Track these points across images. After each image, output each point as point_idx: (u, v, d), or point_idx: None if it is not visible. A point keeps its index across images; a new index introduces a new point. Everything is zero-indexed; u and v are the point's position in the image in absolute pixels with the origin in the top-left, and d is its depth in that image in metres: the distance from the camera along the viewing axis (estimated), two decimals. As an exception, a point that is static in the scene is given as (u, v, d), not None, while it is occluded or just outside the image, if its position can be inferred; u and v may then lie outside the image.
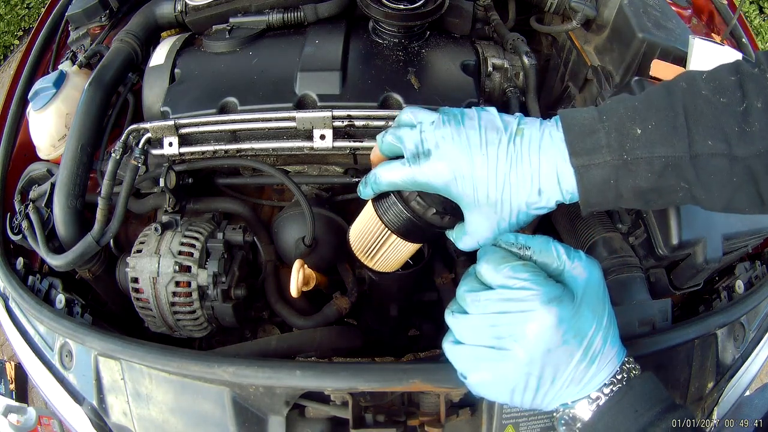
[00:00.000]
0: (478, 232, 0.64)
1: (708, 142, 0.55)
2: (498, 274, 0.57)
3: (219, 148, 0.94)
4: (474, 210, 0.62)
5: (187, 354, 0.78)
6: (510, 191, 0.60)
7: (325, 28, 1.00)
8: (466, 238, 0.65)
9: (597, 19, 1.03)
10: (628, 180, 0.58)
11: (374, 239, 0.71)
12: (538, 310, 0.54)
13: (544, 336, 0.54)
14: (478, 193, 0.61)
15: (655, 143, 0.56)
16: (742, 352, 0.94)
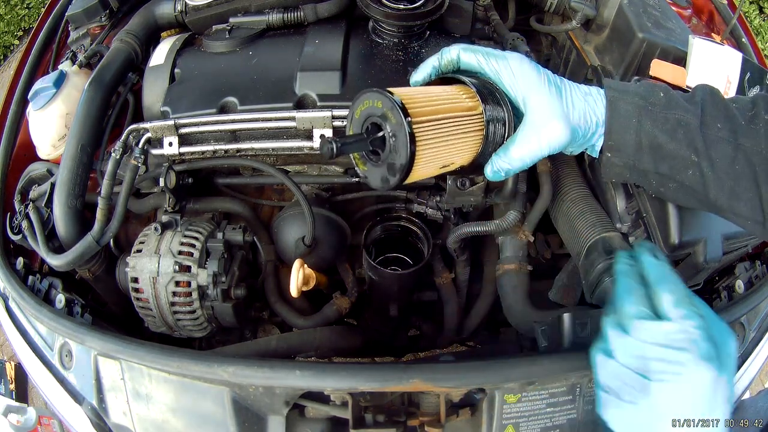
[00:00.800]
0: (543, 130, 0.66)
1: (717, 125, 0.65)
2: (676, 310, 0.58)
3: (219, 148, 0.94)
4: (543, 108, 0.65)
5: (187, 354, 0.78)
6: (570, 95, 0.67)
7: (325, 28, 1.00)
8: (523, 146, 0.66)
9: (597, 19, 1.03)
10: (647, 123, 0.66)
11: (445, 119, 0.62)
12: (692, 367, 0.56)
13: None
14: (550, 92, 0.66)
15: (672, 106, 0.67)
16: (742, 352, 0.94)
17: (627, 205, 0.94)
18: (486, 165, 0.68)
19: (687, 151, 0.66)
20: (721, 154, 0.64)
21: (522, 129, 0.66)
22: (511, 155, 0.66)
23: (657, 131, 0.66)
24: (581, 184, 1.00)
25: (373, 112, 0.62)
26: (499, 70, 0.67)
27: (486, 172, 0.68)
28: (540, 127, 0.65)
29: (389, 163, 0.61)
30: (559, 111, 0.65)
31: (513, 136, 0.67)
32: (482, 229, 0.95)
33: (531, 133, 0.65)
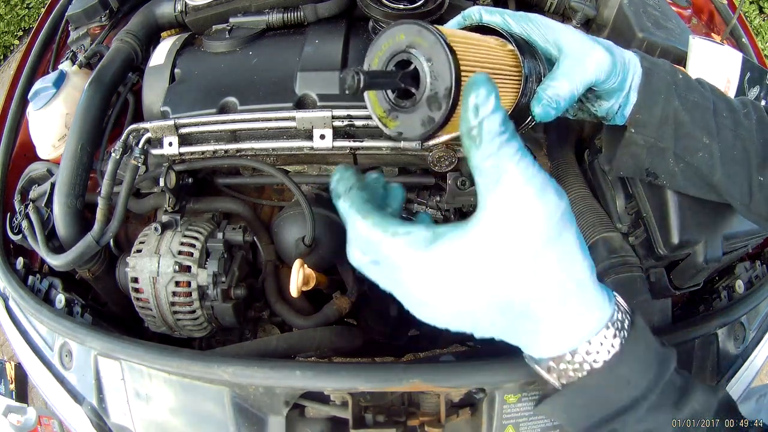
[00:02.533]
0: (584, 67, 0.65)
1: (723, 114, 0.70)
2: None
3: (219, 148, 0.94)
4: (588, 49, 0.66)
5: (187, 354, 0.78)
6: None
7: (325, 28, 1.00)
8: (566, 79, 0.65)
9: (597, 19, 1.03)
10: (674, 100, 0.68)
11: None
12: None
13: None
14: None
15: (691, 88, 0.70)
16: (742, 352, 0.94)
17: (627, 205, 0.94)
18: (533, 102, 0.64)
19: (701, 133, 0.69)
20: (726, 139, 0.69)
21: (563, 61, 0.65)
22: (559, 84, 0.64)
23: (682, 109, 0.68)
24: (581, 184, 1.00)
25: (397, 47, 0.53)
26: (527, 23, 0.67)
27: (535, 112, 0.64)
28: (583, 56, 0.65)
29: (429, 95, 0.52)
30: (593, 41, 0.67)
31: (554, 69, 0.65)
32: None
33: (574, 63, 0.65)
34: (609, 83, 0.68)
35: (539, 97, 0.64)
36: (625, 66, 0.69)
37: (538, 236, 0.43)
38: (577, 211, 0.97)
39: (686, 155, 0.70)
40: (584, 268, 0.47)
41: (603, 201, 0.98)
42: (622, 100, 0.71)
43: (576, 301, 0.47)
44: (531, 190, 0.42)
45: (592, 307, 0.48)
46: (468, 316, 0.46)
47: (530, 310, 0.46)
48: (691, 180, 0.73)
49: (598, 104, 0.72)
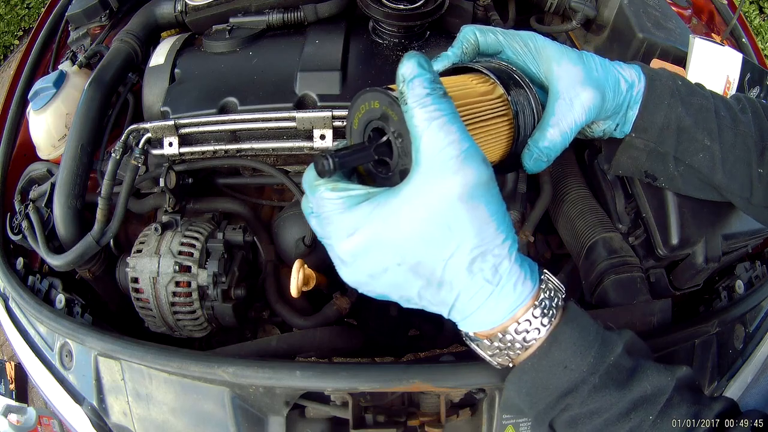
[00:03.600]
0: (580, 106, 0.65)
1: (722, 113, 0.70)
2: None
3: (219, 148, 0.94)
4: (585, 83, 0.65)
5: (187, 354, 0.78)
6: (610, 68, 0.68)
7: (325, 28, 1.00)
8: (556, 126, 0.64)
9: (597, 19, 1.03)
10: (677, 106, 0.69)
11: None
12: None
13: None
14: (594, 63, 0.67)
15: (694, 92, 0.71)
16: (742, 352, 0.94)
17: (626, 205, 0.94)
18: (524, 155, 0.63)
19: (702, 135, 0.69)
20: (725, 138, 0.69)
21: (554, 103, 0.64)
22: (551, 135, 0.63)
23: (685, 114, 0.69)
24: (581, 184, 1.00)
25: (372, 115, 0.54)
26: (520, 45, 0.66)
27: (526, 164, 0.63)
28: (572, 97, 0.64)
29: (401, 170, 0.51)
30: (585, 75, 0.64)
31: (545, 115, 0.64)
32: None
33: (564, 106, 0.64)
34: (600, 117, 0.68)
35: (531, 152, 0.64)
36: (618, 92, 0.67)
37: (447, 200, 0.44)
38: (577, 211, 0.97)
39: (686, 158, 0.70)
40: (497, 239, 0.47)
41: (603, 201, 0.98)
42: (619, 119, 0.70)
43: (488, 273, 0.47)
44: (445, 156, 0.44)
45: (508, 281, 0.48)
46: (385, 280, 0.47)
47: (443, 277, 0.47)
48: (691, 181, 0.74)
49: (594, 127, 0.72)
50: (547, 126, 0.63)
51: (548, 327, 0.51)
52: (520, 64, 0.67)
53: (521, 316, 0.51)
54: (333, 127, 0.89)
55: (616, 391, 0.52)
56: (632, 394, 0.52)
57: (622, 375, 0.53)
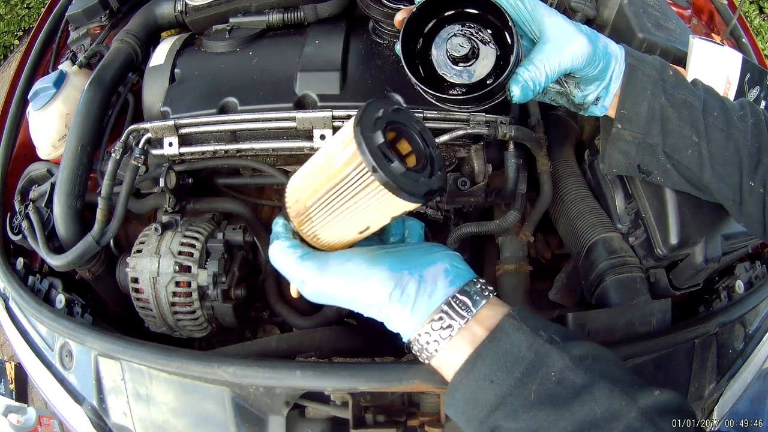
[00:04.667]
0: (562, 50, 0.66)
1: (714, 113, 0.70)
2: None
3: (219, 148, 0.94)
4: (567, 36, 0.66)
5: (187, 354, 0.78)
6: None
7: (325, 28, 1.00)
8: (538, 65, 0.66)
9: (597, 19, 1.03)
10: (660, 96, 0.69)
11: (347, 189, 0.52)
12: None
13: None
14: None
15: (680, 86, 0.71)
16: (742, 352, 0.94)
17: (626, 205, 0.94)
18: (511, 83, 0.66)
19: (689, 131, 0.69)
20: (716, 139, 0.69)
21: (542, 45, 0.66)
22: (537, 67, 0.65)
23: (668, 106, 0.69)
24: (581, 184, 1.00)
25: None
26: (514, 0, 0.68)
27: (513, 92, 0.66)
28: (563, 42, 0.66)
29: None
30: (576, 28, 0.67)
31: (532, 52, 0.66)
32: (482, 229, 0.95)
33: (553, 48, 0.66)
34: (588, 71, 0.69)
35: (516, 79, 0.65)
36: (607, 55, 0.69)
37: (318, 291, 0.58)
38: (577, 211, 0.97)
39: (675, 153, 0.71)
40: (363, 292, 0.56)
41: (603, 201, 0.98)
42: (601, 90, 0.71)
43: (380, 306, 0.57)
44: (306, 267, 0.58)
45: (405, 307, 0.56)
46: (345, 304, 0.58)
47: (360, 308, 0.58)
48: (681, 178, 0.74)
49: (576, 90, 0.73)
50: (533, 60, 0.66)
51: (447, 340, 0.55)
52: (514, 18, 0.69)
53: (422, 330, 0.56)
54: (333, 127, 0.89)
55: (553, 409, 0.50)
56: (575, 416, 0.49)
57: (566, 393, 0.50)
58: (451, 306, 0.56)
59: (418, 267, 0.57)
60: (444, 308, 0.56)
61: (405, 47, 0.70)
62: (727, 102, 0.73)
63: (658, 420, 0.48)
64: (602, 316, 0.82)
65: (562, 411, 0.49)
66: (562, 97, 0.76)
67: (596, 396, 0.49)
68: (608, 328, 0.81)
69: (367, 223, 0.56)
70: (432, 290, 0.56)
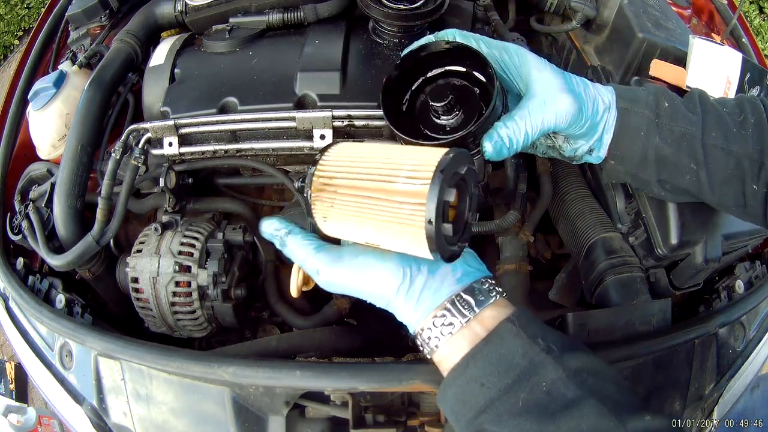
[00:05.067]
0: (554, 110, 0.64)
1: (712, 133, 0.68)
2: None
3: (219, 148, 0.94)
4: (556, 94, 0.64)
5: (187, 354, 0.78)
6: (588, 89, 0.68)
7: (325, 28, 1.00)
8: (521, 122, 0.63)
9: (597, 19, 1.03)
10: (655, 137, 0.68)
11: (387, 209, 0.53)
12: None
13: None
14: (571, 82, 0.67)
15: (677, 118, 0.69)
16: (742, 352, 0.94)
17: (626, 205, 0.94)
18: (485, 138, 0.63)
19: (687, 160, 0.68)
20: (715, 159, 0.68)
21: (527, 101, 0.64)
22: (517, 124, 0.63)
23: (663, 144, 0.68)
24: (581, 184, 1.00)
25: None
26: (501, 54, 0.67)
27: (485, 148, 0.63)
28: (548, 101, 0.64)
29: None
30: (564, 84, 0.65)
31: (516, 108, 0.64)
32: (482, 229, 0.95)
33: (537, 107, 0.63)
34: (573, 130, 0.67)
35: (490, 135, 0.63)
36: (595, 111, 0.67)
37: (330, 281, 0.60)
38: (577, 211, 0.97)
39: (672, 179, 0.70)
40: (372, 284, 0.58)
41: (603, 201, 0.98)
42: (593, 143, 0.70)
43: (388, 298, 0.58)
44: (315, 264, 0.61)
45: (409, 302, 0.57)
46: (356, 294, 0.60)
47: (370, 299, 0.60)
48: (680, 196, 0.74)
49: (566, 145, 0.72)
50: (513, 116, 0.63)
51: (447, 337, 0.56)
52: (500, 73, 0.68)
53: (425, 325, 0.57)
54: (333, 127, 0.89)
55: (538, 420, 0.49)
56: (560, 430, 0.48)
57: (555, 405, 0.49)
58: (454, 304, 0.57)
59: (427, 262, 0.58)
60: (447, 305, 0.57)
61: (386, 103, 0.69)
62: (724, 111, 0.70)
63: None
64: (602, 316, 0.82)
65: (548, 423, 0.49)
66: (554, 151, 0.75)
67: (584, 413, 0.49)
68: (608, 328, 0.81)
69: (379, 241, 0.57)
70: (438, 286, 0.57)
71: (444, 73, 0.71)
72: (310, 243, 0.61)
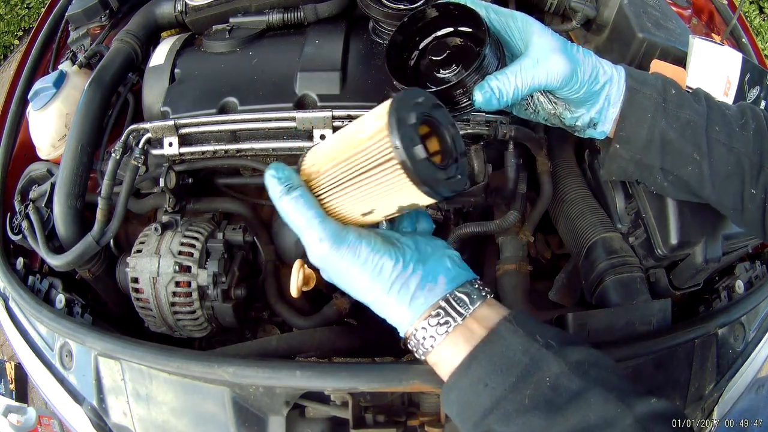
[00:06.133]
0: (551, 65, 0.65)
1: (716, 128, 0.69)
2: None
3: (219, 148, 0.94)
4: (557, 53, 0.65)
5: (187, 354, 0.78)
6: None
7: (325, 28, 1.00)
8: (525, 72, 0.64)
9: (597, 19, 1.03)
10: (661, 120, 0.68)
11: (365, 161, 0.52)
12: None
13: None
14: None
15: (684, 105, 0.69)
16: (742, 352, 0.94)
17: (626, 205, 0.94)
18: (476, 89, 0.64)
19: (691, 149, 0.69)
20: (718, 155, 0.68)
21: (521, 59, 0.65)
22: (507, 78, 0.64)
23: (669, 128, 0.68)
24: (581, 184, 1.00)
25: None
26: (506, 20, 0.68)
27: (475, 97, 0.65)
28: (540, 59, 0.65)
29: None
30: (561, 47, 0.66)
31: (509, 65, 0.66)
32: (482, 229, 0.95)
33: (529, 63, 0.65)
34: (568, 92, 0.68)
35: (482, 85, 0.65)
36: (594, 79, 0.68)
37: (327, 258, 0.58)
38: (577, 211, 0.97)
39: (675, 169, 0.70)
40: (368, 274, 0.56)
41: (603, 201, 0.98)
42: (594, 114, 0.70)
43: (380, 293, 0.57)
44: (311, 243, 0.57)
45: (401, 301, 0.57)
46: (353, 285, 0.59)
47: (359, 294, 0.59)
48: (680, 190, 0.74)
49: (566, 112, 0.72)
50: (506, 71, 0.65)
51: (443, 336, 0.55)
52: (505, 38, 0.69)
53: (418, 325, 0.57)
54: (333, 127, 0.89)
55: (546, 415, 0.49)
56: (568, 422, 0.48)
57: (561, 399, 0.50)
58: (449, 302, 0.56)
59: (423, 261, 0.58)
60: (442, 304, 0.56)
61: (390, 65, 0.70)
62: (728, 112, 0.72)
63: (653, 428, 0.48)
64: (602, 316, 0.82)
65: (556, 417, 0.49)
66: (555, 118, 0.75)
67: (591, 402, 0.49)
68: (608, 328, 0.81)
69: (373, 206, 0.56)
70: (433, 285, 0.57)
71: (446, 34, 0.72)
72: (315, 210, 0.56)
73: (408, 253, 0.57)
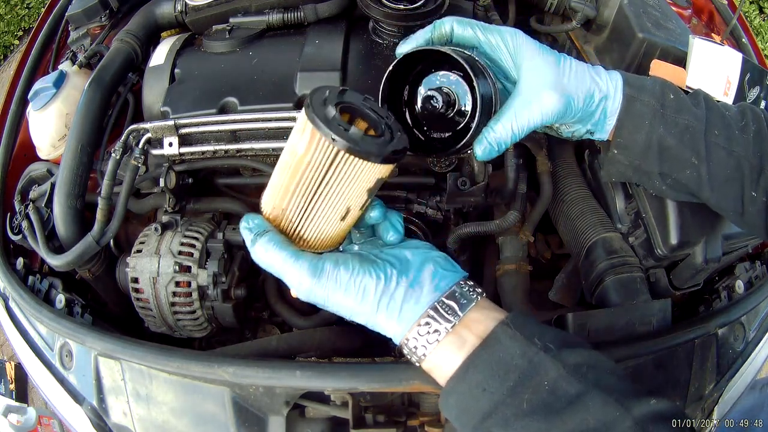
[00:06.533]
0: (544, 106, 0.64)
1: (715, 131, 0.68)
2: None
3: (219, 148, 0.94)
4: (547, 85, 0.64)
5: (187, 354, 0.78)
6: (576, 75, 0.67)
7: (325, 28, 1.00)
8: (513, 119, 0.64)
9: (597, 19, 1.03)
10: (659, 127, 0.68)
11: (316, 172, 0.54)
12: None
13: None
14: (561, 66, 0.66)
15: (682, 110, 0.69)
16: (742, 352, 0.94)
17: (626, 205, 0.94)
18: (475, 143, 0.65)
19: (689, 154, 0.68)
20: (717, 158, 0.68)
21: (513, 100, 0.65)
22: (503, 127, 0.64)
23: (667, 135, 0.68)
24: (581, 184, 1.00)
25: None
26: (497, 41, 0.66)
27: (475, 151, 0.66)
28: (533, 99, 0.64)
29: None
30: (552, 79, 0.64)
31: (502, 109, 0.65)
32: (482, 229, 0.95)
33: (522, 104, 0.64)
34: (564, 121, 0.68)
35: (480, 140, 0.65)
36: (589, 102, 0.67)
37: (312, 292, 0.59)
38: (577, 211, 0.97)
39: (673, 173, 0.70)
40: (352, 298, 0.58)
41: (603, 201, 0.98)
42: (591, 126, 0.70)
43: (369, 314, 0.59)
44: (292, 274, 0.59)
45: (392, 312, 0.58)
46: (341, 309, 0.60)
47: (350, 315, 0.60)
48: (679, 192, 0.74)
49: (563, 128, 0.72)
50: (500, 119, 0.65)
51: (434, 345, 0.56)
52: (495, 59, 0.68)
53: (410, 334, 0.58)
54: (333, 127, 0.89)
55: (545, 419, 0.49)
56: (567, 426, 0.49)
57: (560, 403, 0.50)
58: (437, 311, 0.57)
59: (405, 272, 0.58)
60: (431, 313, 0.57)
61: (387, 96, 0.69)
62: (727, 114, 0.71)
63: (652, 429, 0.47)
64: (602, 316, 0.82)
65: (555, 421, 0.49)
66: (551, 131, 0.75)
67: (589, 406, 0.49)
68: (608, 328, 0.81)
69: (347, 204, 0.57)
70: (418, 295, 0.57)
71: (434, 88, 0.70)
72: (283, 249, 0.58)
73: (388, 267, 0.58)
